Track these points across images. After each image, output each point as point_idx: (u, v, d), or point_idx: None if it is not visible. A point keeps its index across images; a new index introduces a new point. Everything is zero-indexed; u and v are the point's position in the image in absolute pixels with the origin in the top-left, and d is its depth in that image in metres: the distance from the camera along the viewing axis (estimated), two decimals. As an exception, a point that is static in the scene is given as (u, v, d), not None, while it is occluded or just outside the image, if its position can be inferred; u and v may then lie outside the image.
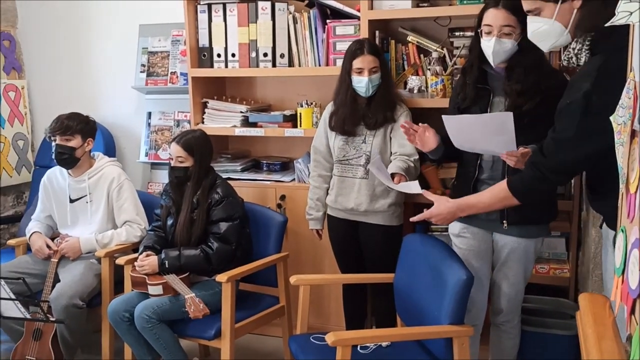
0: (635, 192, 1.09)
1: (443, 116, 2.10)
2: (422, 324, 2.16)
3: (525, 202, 1.92)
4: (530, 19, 1.71)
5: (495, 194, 1.95)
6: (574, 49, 1.65)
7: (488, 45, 2.12)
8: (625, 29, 1.09)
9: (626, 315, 1.07)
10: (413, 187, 2.33)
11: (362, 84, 2.58)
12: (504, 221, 2.21)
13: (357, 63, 2.58)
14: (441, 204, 2.05)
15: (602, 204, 1.77)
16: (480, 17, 2.16)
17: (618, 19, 0.85)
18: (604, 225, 1.73)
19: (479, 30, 2.16)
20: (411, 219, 2.13)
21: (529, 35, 1.75)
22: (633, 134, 1.14)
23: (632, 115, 1.14)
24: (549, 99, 2.10)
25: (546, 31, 1.67)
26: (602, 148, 1.43)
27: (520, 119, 2.11)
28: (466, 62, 2.33)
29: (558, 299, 2.77)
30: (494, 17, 2.10)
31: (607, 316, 1.22)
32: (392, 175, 2.46)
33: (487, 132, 2.03)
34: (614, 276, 1.20)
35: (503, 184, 1.92)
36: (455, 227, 2.37)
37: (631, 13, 0.83)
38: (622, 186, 1.22)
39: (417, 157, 2.60)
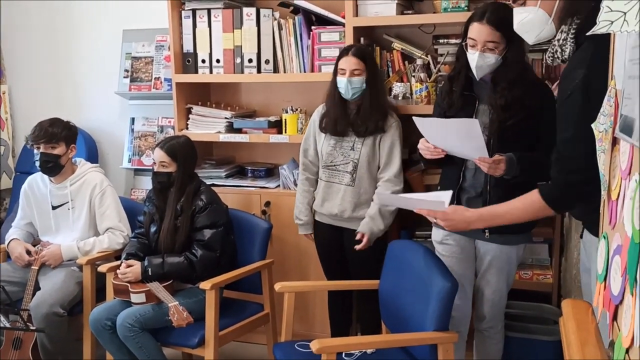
0: (617, 198, 1.10)
1: (414, 118, 2.12)
2: (407, 330, 2.16)
3: (565, 211, 1.89)
4: (516, 11, 1.70)
5: (528, 204, 1.75)
6: (558, 40, 1.63)
7: (472, 58, 2.13)
8: None
9: (608, 321, 1.08)
10: (444, 196, 1.99)
11: (342, 84, 2.58)
12: (486, 230, 2.22)
13: (341, 64, 2.60)
14: (458, 211, 1.89)
15: (583, 211, 1.78)
16: (466, 28, 2.18)
17: (599, 28, 0.86)
18: (584, 233, 1.75)
19: (464, 44, 2.17)
20: (418, 211, 1.93)
21: (515, 28, 1.71)
22: (614, 141, 1.15)
23: (613, 123, 1.15)
24: (533, 115, 2.13)
25: (531, 20, 1.65)
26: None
27: (504, 132, 2.13)
28: (453, 69, 2.34)
29: (541, 304, 2.79)
30: (478, 32, 2.11)
31: (589, 322, 1.23)
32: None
33: (458, 137, 2.07)
34: (596, 282, 1.21)
35: (535, 194, 1.71)
36: (438, 234, 2.38)
37: (612, 22, 0.84)
38: (603, 193, 1.23)
39: (401, 179, 2.62)
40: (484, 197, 2.22)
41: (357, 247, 2.60)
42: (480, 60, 2.11)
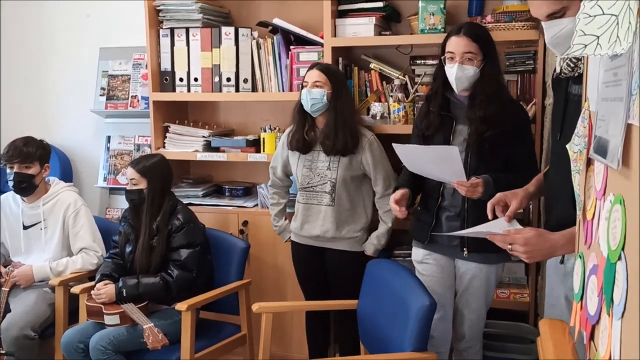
0: (592, 218, 1.11)
1: (394, 145, 2.14)
2: (386, 351, 2.14)
3: None
4: (548, 24, 1.51)
5: None
6: None
7: (451, 71, 2.17)
8: None
9: (585, 341, 1.08)
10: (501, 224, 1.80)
11: (303, 96, 2.59)
12: (464, 249, 2.23)
13: (305, 78, 2.62)
14: (543, 234, 1.56)
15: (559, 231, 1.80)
16: (443, 45, 2.23)
17: (573, 51, 0.88)
18: (565, 257, 1.76)
19: (442, 58, 2.21)
20: (490, 238, 1.66)
21: (547, 42, 1.55)
22: (589, 162, 1.17)
23: (587, 144, 1.17)
24: (508, 132, 2.17)
25: (570, 30, 1.41)
26: None
27: (482, 145, 2.17)
28: (430, 89, 2.37)
29: (519, 323, 2.79)
30: (456, 44, 2.16)
31: (566, 342, 1.23)
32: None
33: (437, 162, 2.09)
34: (573, 302, 1.22)
35: None
36: (418, 254, 2.39)
37: (586, 45, 0.86)
38: (579, 213, 1.24)
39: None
40: (462, 216, 2.24)
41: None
42: (459, 72, 2.15)
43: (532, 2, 1.54)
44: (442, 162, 2.06)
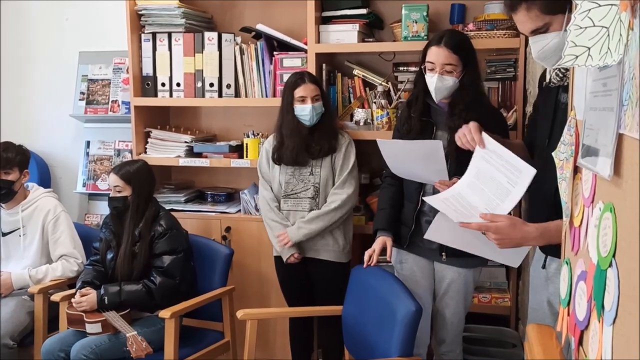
0: (580, 225, 1.13)
1: (378, 140, 2.14)
2: (371, 356, 2.14)
3: None
4: (534, 39, 1.57)
5: None
6: None
7: (431, 81, 2.18)
8: None
9: (574, 346, 1.10)
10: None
11: (305, 111, 2.59)
12: (443, 253, 2.26)
13: (299, 92, 2.60)
14: (517, 225, 1.61)
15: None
16: (424, 53, 2.24)
17: (565, 62, 0.90)
18: (547, 262, 1.79)
19: (422, 67, 2.23)
20: (462, 224, 1.70)
21: (535, 56, 1.60)
22: (576, 169, 1.19)
23: (574, 152, 1.19)
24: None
25: (555, 45, 1.52)
26: None
27: (461, 155, 2.18)
28: (411, 95, 2.39)
29: (500, 328, 2.83)
30: (436, 55, 2.17)
31: (554, 347, 1.25)
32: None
33: (420, 159, 2.09)
34: (559, 307, 1.24)
35: None
36: (397, 255, 2.40)
37: (577, 56, 0.88)
38: (565, 220, 1.26)
39: (350, 185, 2.63)
40: None
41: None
42: (438, 83, 2.16)
43: (516, 18, 1.58)
44: (425, 158, 2.07)
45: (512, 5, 1.56)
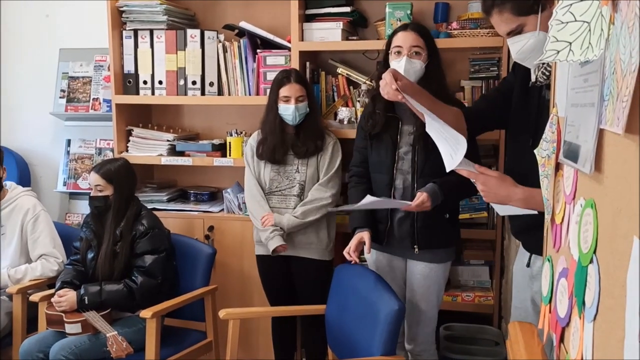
0: (561, 222, 1.13)
1: (368, 197, 2.16)
2: (354, 355, 2.14)
3: None
4: (511, 41, 1.61)
5: None
6: None
7: (399, 65, 2.18)
8: None
9: (555, 343, 1.10)
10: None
11: (288, 112, 2.58)
12: (415, 246, 2.26)
13: (283, 91, 2.59)
14: (505, 182, 1.61)
15: (524, 235, 1.84)
16: (389, 42, 2.27)
17: (546, 57, 0.89)
18: (531, 260, 1.79)
19: (388, 52, 2.23)
20: (458, 171, 1.65)
21: (514, 57, 1.64)
22: (557, 166, 1.19)
23: (556, 149, 1.19)
24: None
25: (532, 45, 1.57)
26: None
27: (427, 143, 2.17)
28: (374, 89, 2.39)
29: (483, 326, 2.83)
30: (404, 38, 2.21)
31: (536, 344, 1.25)
32: None
33: (380, 204, 2.25)
34: (541, 304, 1.24)
35: None
36: (371, 254, 2.39)
37: (558, 52, 0.87)
38: (547, 217, 1.26)
39: (333, 186, 2.63)
40: (411, 216, 2.26)
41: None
42: (407, 65, 2.18)
43: (492, 21, 1.64)
44: (384, 203, 2.24)
45: (486, 10, 1.63)
